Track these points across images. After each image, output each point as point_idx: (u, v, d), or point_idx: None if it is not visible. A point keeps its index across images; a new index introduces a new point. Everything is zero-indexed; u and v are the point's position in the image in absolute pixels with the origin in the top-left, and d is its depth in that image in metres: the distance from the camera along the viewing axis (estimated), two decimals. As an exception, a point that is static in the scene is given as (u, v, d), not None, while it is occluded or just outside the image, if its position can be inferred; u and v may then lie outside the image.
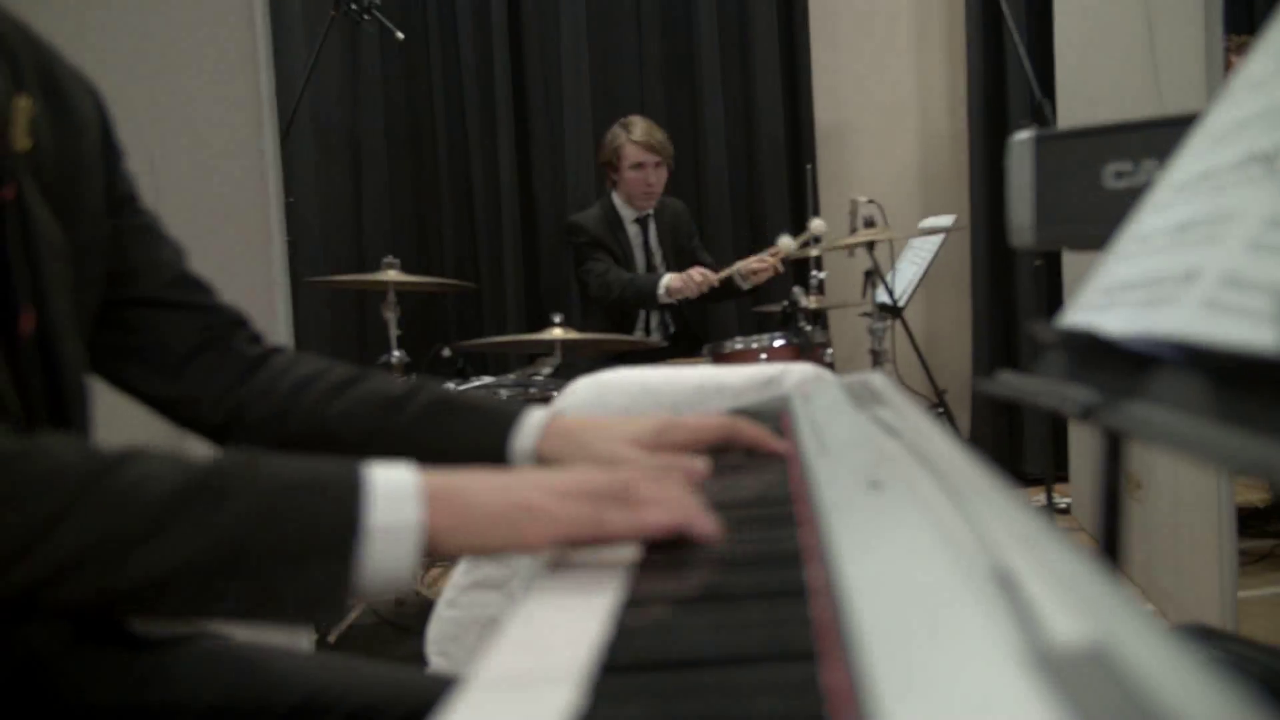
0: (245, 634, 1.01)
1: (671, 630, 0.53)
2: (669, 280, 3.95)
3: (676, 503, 0.70)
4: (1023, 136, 1.28)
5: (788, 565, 0.61)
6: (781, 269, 4.11)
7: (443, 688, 0.88)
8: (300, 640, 2.29)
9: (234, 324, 1.08)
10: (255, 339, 1.09)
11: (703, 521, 0.69)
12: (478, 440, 0.99)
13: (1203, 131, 0.87)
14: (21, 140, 0.85)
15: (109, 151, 1.00)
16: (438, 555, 0.69)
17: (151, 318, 1.02)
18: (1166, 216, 0.83)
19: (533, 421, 1.00)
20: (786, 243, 3.95)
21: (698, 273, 3.95)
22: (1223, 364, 0.61)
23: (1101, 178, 1.23)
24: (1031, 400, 0.82)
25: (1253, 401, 0.57)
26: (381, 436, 1.00)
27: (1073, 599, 0.43)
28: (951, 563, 0.50)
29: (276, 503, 0.66)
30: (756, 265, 4.03)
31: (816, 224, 3.93)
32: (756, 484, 0.86)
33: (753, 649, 0.48)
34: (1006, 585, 0.46)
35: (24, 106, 0.86)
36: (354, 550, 0.65)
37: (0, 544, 0.62)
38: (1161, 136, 1.18)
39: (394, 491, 0.68)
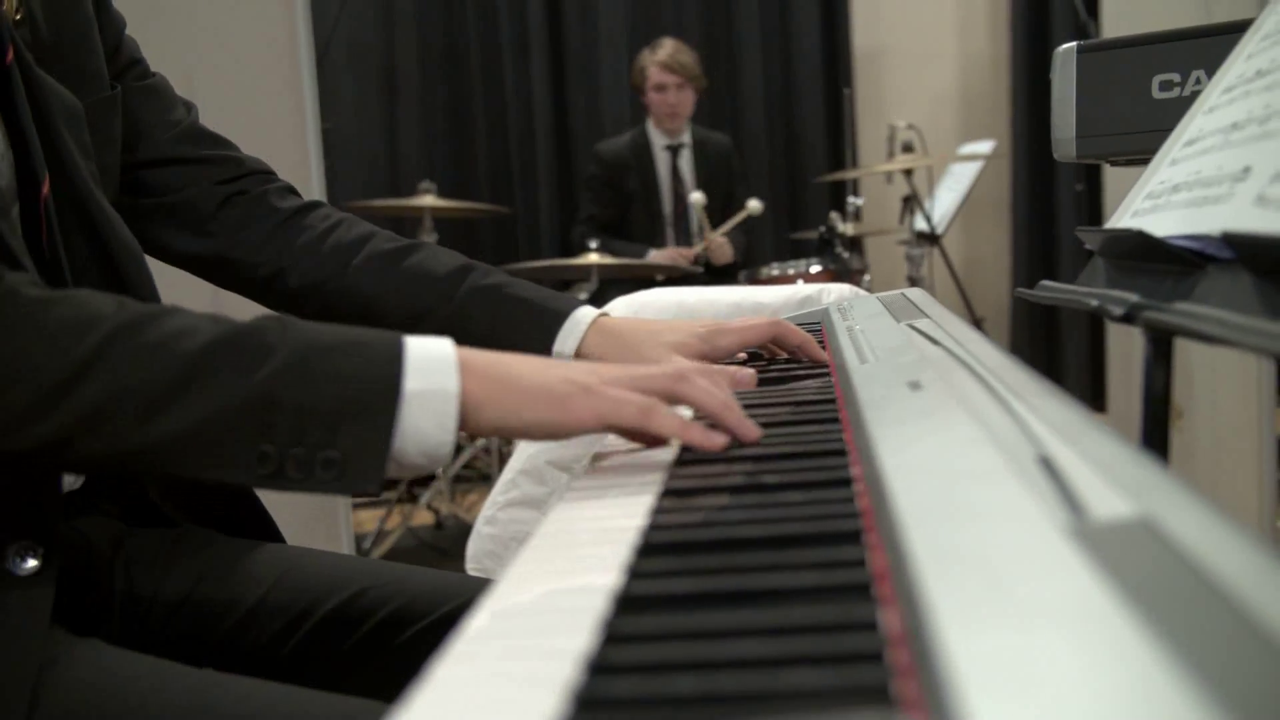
0: (293, 539, 1.03)
1: (711, 516, 0.53)
2: (653, 257, 3.95)
3: (724, 406, 0.70)
4: (1067, 47, 1.26)
5: (830, 459, 0.61)
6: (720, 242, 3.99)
7: (484, 588, 0.89)
8: (343, 549, 2.33)
9: (259, 174, 1.07)
10: (288, 191, 1.07)
11: (744, 425, 0.69)
12: (522, 336, 0.98)
13: (1256, 32, 0.85)
14: (10, 11, 0.85)
15: (105, 19, 0.98)
16: (476, 428, 0.68)
17: (170, 176, 1.01)
18: (1217, 118, 0.81)
19: (579, 319, 0.99)
20: (697, 198, 3.88)
21: (679, 255, 3.93)
22: (1272, 261, 0.60)
23: (1148, 89, 1.20)
24: (1074, 303, 0.81)
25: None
26: (426, 320, 0.99)
27: (1117, 480, 0.43)
28: (991, 451, 0.50)
29: (312, 363, 0.65)
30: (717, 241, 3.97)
31: (753, 204, 3.88)
32: (800, 389, 0.86)
33: (794, 532, 0.49)
34: (1048, 470, 0.46)
35: None
36: (390, 414, 0.64)
37: (29, 389, 0.63)
38: (1210, 46, 1.15)
39: (431, 359, 0.67)
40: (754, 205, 3.89)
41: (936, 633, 0.33)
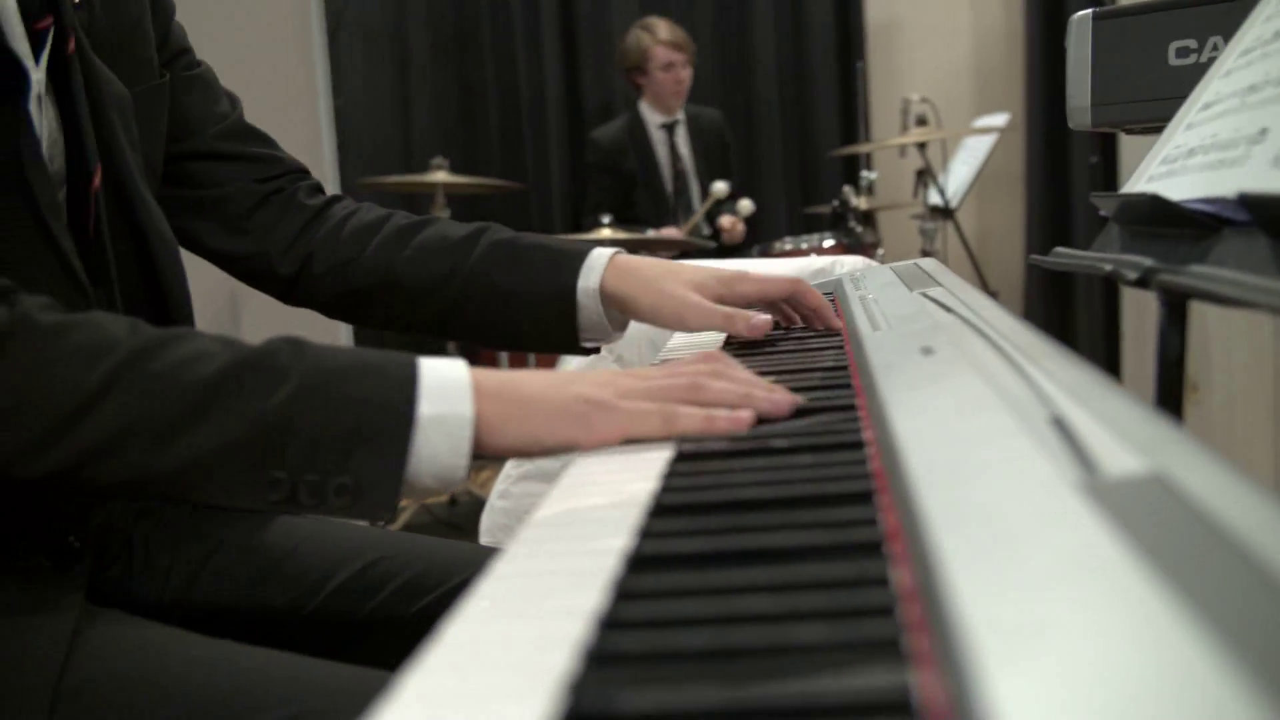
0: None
1: (724, 478, 0.53)
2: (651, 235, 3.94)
3: (745, 398, 0.68)
4: (1083, 14, 1.25)
5: (843, 423, 0.61)
6: (740, 229, 4.01)
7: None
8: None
9: (295, 174, 1.07)
10: (316, 189, 1.08)
11: (772, 402, 0.67)
12: (544, 279, 0.98)
13: (1274, -6, 0.84)
14: None
15: (159, 7, 0.99)
16: (494, 451, 0.67)
17: (212, 170, 1.02)
18: (1234, 81, 0.80)
19: (597, 258, 0.99)
20: (721, 188, 3.86)
21: (668, 233, 3.92)
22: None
23: (1164, 56, 1.19)
24: (1088, 268, 0.81)
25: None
26: (448, 281, 1.00)
27: (1129, 439, 0.43)
28: (1003, 413, 0.50)
29: (325, 388, 0.64)
30: (726, 224, 3.97)
31: (745, 203, 3.90)
32: (813, 356, 0.86)
33: (806, 493, 0.49)
34: (1060, 429, 0.46)
35: None
36: (404, 440, 0.63)
37: (42, 417, 0.63)
38: (1227, 12, 1.14)
39: (446, 383, 0.66)
40: (745, 205, 3.88)
41: (948, 587, 0.33)
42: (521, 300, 0.99)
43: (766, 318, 0.88)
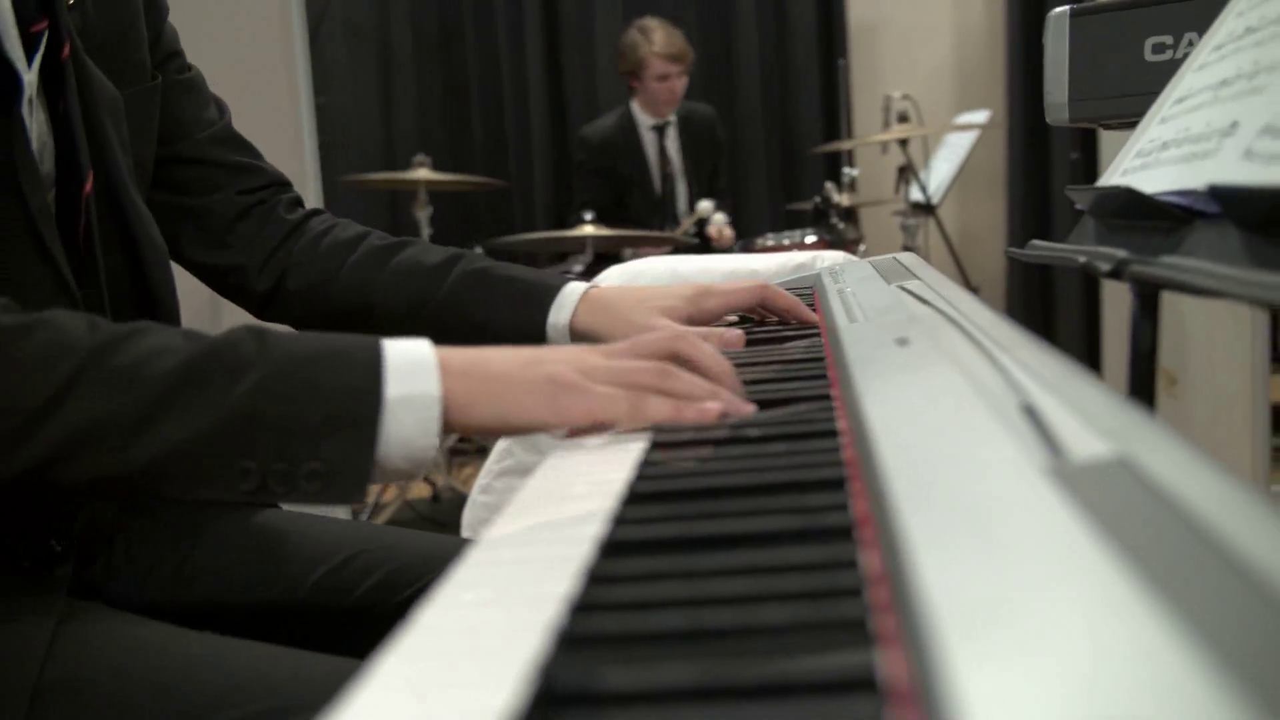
0: (289, 508, 1.03)
1: (698, 466, 0.54)
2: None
3: (712, 394, 0.67)
4: (1060, 10, 1.25)
5: (817, 412, 0.61)
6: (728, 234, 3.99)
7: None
8: (338, 514, 2.33)
9: (276, 186, 1.07)
10: (296, 202, 1.08)
11: (737, 405, 0.67)
12: (515, 313, 0.99)
13: (1247, -10, 0.85)
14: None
15: (152, 8, 0.99)
16: (464, 429, 0.67)
17: (197, 177, 1.02)
18: (1207, 75, 0.81)
19: (570, 294, 0.99)
20: (706, 206, 3.84)
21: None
22: (1258, 214, 0.60)
23: (1141, 51, 1.20)
24: (1063, 261, 0.81)
25: (1287, 245, 0.56)
26: (420, 310, 1.00)
27: (1097, 425, 0.43)
28: (975, 400, 0.50)
29: (290, 375, 0.64)
30: (714, 232, 3.96)
31: (718, 217, 3.88)
32: (789, 348, 0.87)
33: (779, 480, 0.49)
34: (1030, 416, 0.46)
35: None
36: (373, 423, 0.63)
37: (4, 420, 0.62)
38: (1203, 8, 1.15)
39: (412, 363, 0.65)
40: (719, 218, 3.87)
41: (913, 569, 0.34)
42: (491, 333, 0.99)
43: (738, 333, 0.89)
